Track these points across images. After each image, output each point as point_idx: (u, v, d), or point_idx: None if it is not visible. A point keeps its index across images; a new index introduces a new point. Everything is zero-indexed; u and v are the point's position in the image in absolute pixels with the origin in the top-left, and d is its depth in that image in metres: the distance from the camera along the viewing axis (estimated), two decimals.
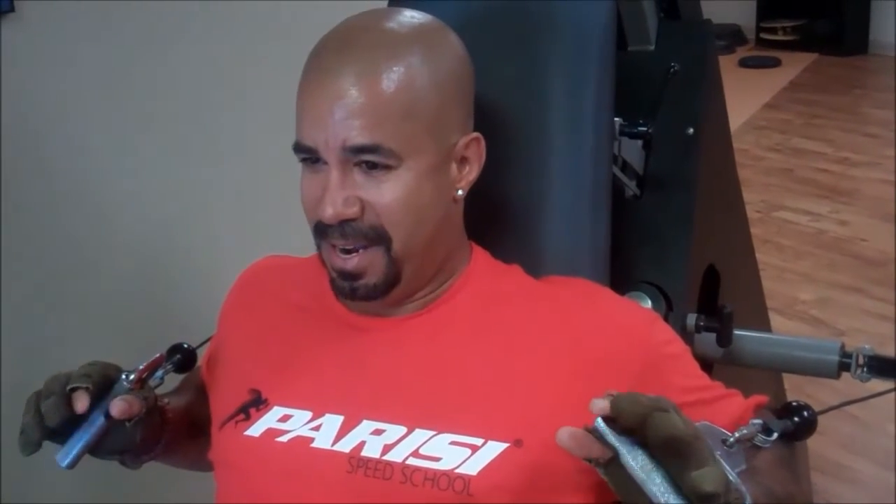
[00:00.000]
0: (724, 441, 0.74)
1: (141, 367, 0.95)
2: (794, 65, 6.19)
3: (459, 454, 0.89)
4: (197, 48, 1.61)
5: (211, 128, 1.66)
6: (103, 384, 0.92)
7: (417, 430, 0.91)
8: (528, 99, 1.19)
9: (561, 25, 1.20)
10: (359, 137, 0.90)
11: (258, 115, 1.70)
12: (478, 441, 0.90)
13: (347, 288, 0.97)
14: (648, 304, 1.26)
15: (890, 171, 4.21)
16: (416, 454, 0.90)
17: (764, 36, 6.74)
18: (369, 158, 0.91)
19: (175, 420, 1.05)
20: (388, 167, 0.92)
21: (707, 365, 1.41)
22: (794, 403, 0.92)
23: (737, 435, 0.75)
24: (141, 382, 0.94)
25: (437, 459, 0.89)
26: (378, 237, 0.94)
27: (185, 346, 1.11)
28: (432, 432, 0.91)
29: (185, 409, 1.10)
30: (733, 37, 6.60)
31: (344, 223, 0.93)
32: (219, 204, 1.68)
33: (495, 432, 0.90)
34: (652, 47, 1.42)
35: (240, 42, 1.67)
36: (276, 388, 1.00)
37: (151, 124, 1.56)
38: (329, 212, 0.92)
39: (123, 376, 0.94)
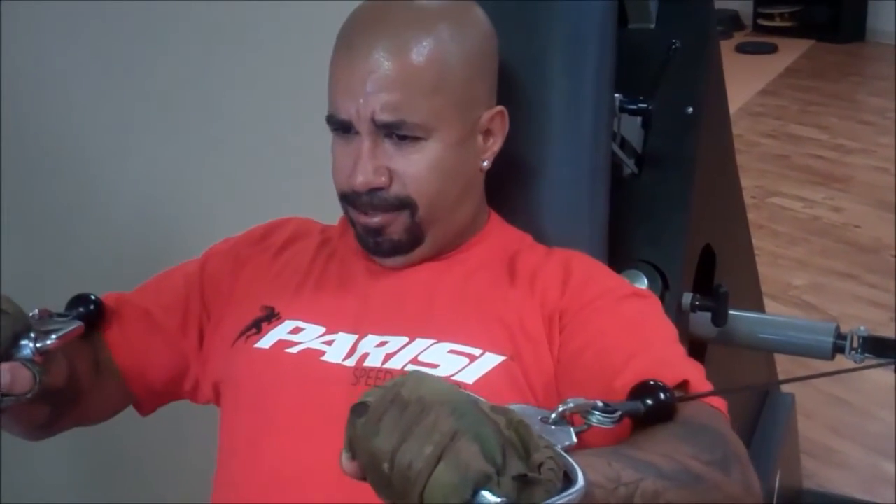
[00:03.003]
0: (543, 419, 0.69)
1: (55, 337, 0.83)
2: (791, 51, 6.18)
3: (457, 362, 0.92)
4: (197, 28, 1.59)
5: (208, 106, 1.64)
6: (7, 351, 0.80)
7: (418, 340, 0.94)
8: (528, 76, 1.19)
9: (561, 2, 1.19)
10: (384, 114, 0.94)
11: (257, 95, 1.69)
12: (476, 351, 0.93)
13: (372, 242, 1.02)
14: (644, 282, 1.26)
15: (884, 159, 4.22)
16: (414, 361, 0.92)
17: (761, 22, 6.73)
18: (397, 133, 0.96)
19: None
20: (416, 139, 0.96)
21: (701, 345, 1.41)
22: (651, 383, 0.81)
23: (560, 409, 0.69)
24: (47, 355, 0.81)
25: (435, 366, 0.91)
26: (403, 204, 0.98)
27: (93, 297, 1.00)
28: (432, 341, 0.94)
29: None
30: (730, 22, 6.59)
31: (372, 192, 0.97)
32: (214, 182, 1.67)
33: (493, 346, 0.93)
34: (652, 25, 1.41)
35: (240, 23, 1.65)
36: (290, 304, 1.03)
37: (146, 102, 1.54)
38: (360, 179, 0.96)
39: (32, 336, 0.80)
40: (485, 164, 1.05)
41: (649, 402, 0.79)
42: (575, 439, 0.68)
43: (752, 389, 0.83)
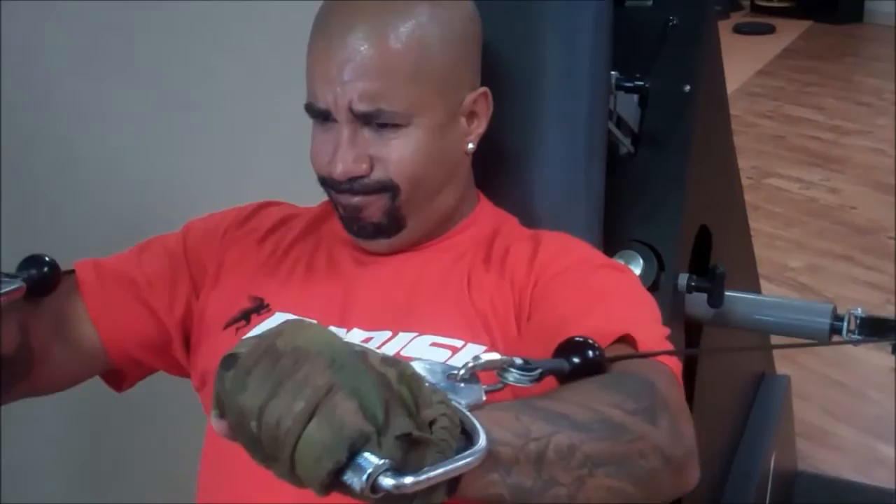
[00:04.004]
0: (451, 376, 0.63)
1: None
2: (789, 32, 6.15)
3: (440, 355, 0.90)
4: (191, 9, 1.57)
5: (200, 79, 1.62)
6: None
7: (401, 334, 0.93)
8: (522, 54, 1.17)
9: None
10: (361, 103, 0.92)
11: (252, 67, 1.68)
12: (458, 343, 0.91)
13: (355, 226, 1.00)
14: (640, 262, 1.25)
15: (881, 140, 4.21)
16: (397, 356, 0.89)
17: (758, 2, 6.70)
18: (376, 121, 0.94)
19: None
20: (396, 126, 0.94)
21: (697, 326, 1.40)
22: (579, 339, 0.74)
23: (470, 364, 0.64)
24: None
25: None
26: (384, 189, 0.96)
27: (47, 258, 0.93)
28: (414, 334, 0.92)
29: None
30: (728, 2, 6.55)
31: (352, 179, 0.95)
32: (207, 161, 1.65)
33: (474, 336, 0.91)
34: (650, 2, 1.39)
35: (233, 5, 1.63)
36: (280, 296, 1.00)
37: (135, 74, 1.52)
38: (339, 169, 0.94)
39: None
40: (469, 146, 1.02)
41: (576, 360, 0.73)
42: (484, 397, 0.63)
43: (707, 353, 0.80)
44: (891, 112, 4.46)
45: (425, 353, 0.90)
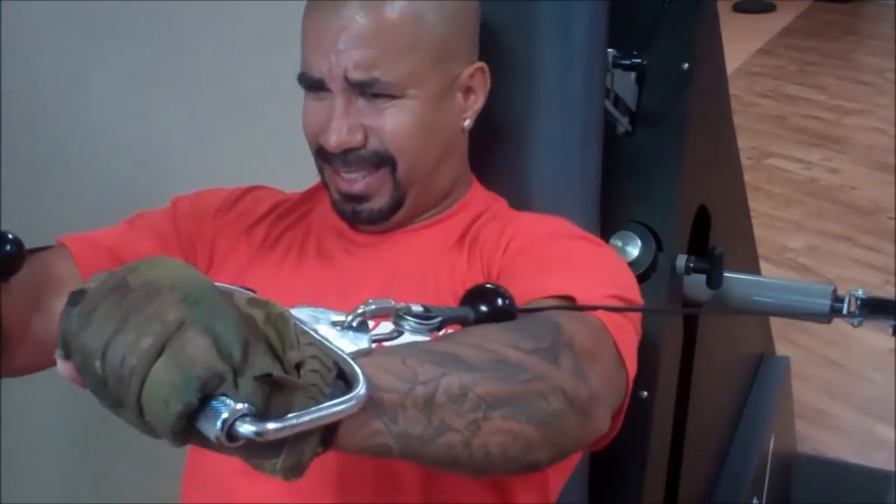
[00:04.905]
0: (335, 322, 0.60)
1: None
2: (789, 10, 6.11)
3: None
4: None
5: (202, 51, 1.60)
6: None
7: (382, 323, 0.90)
8: (517, 31, 1.15)
9: None
10: (356, 72, 0.91)
11: (255, 38, 1.66)
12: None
13: (350, 210, 0.98)
14: (638, 243, 1.23)
15: (882, 120, 4.18)
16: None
17: None
18: (370, 91, 0.92)
19: None
20: (391, 96, 0.93)
21: (696, 307, 1.39)
22: (489, 287, 0.70)
23: (360, 310, 0.61)
24: None
25: None
26: (382, 161, 0.95)
27: (10, 236, 0.80)
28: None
29: None
30: None
31: (347, 151, 0.94)
32: (209, 137, 1.64)
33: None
34: None
35: None
36: (272, 288, 0.97)
37: (132, 45, 1.50)
38: (333, 140, 0.93)
39: None
40: (466, 122, 1.01)
41: (483, 308, 0.69)
42: (369, 344, 0.60)
43: (635, 311, 0.77)
44: (892, 91, 4.44)
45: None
